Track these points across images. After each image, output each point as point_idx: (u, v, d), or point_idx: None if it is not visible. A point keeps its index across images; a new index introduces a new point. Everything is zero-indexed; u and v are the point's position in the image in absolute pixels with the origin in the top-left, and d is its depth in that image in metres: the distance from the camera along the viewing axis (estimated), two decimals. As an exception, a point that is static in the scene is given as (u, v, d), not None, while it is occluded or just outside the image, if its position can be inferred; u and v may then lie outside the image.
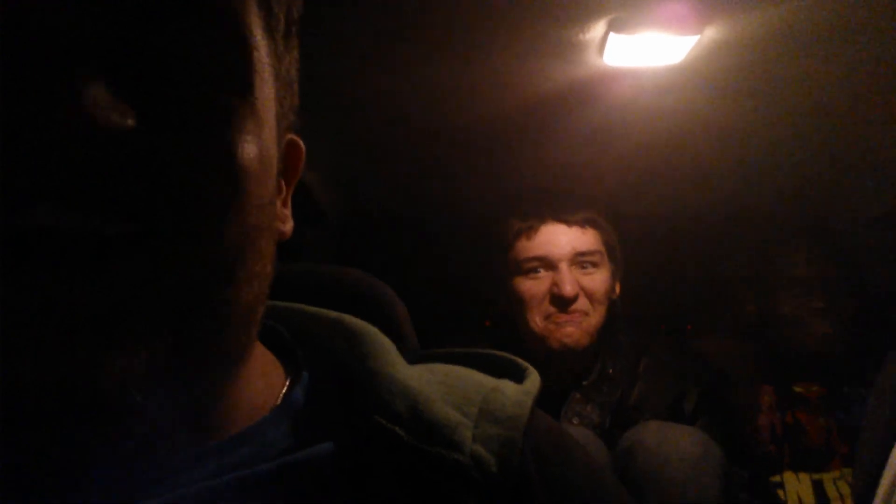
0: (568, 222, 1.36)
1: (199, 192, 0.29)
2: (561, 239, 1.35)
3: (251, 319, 0.35)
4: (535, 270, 1.35)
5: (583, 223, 1.37)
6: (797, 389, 1.45)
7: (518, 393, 0.42)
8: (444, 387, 0.41)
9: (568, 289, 1.30)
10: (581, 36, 1.10)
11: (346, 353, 0.43)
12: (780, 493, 1.35)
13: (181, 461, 0.33)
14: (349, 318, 0.46)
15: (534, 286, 1.35)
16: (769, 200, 1.76)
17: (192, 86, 0.29)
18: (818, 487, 1.35)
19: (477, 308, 1.71)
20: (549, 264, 1.34)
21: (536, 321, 1.34)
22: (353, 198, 1.80)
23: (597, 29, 1.08)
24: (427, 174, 1.78)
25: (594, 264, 1.35)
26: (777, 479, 1.37)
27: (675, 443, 1.07)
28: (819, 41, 1.10)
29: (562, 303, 1.31)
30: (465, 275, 1.66)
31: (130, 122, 0.26)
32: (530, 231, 1.37)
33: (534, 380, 0.44)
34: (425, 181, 1.81)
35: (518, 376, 0.45)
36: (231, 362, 0.35)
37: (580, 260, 1.34)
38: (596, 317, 1.34)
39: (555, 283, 1.32)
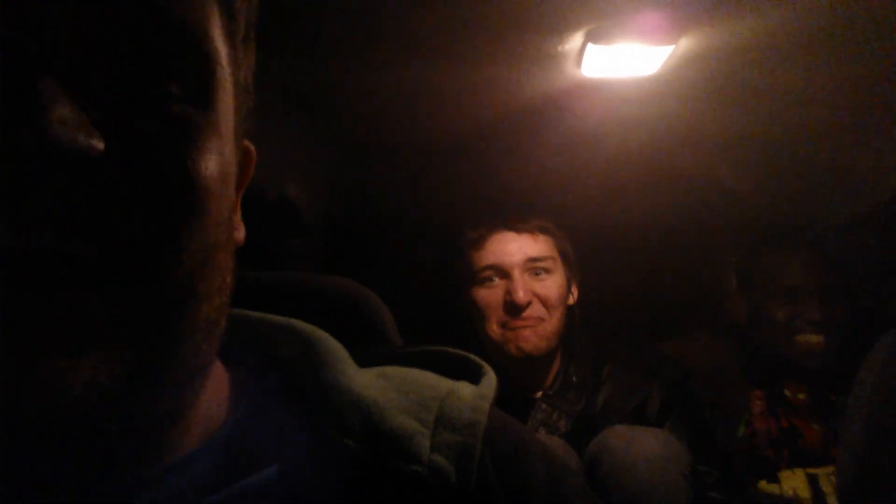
0: (518, 230, 1.37)
1: (160, 214, 0.28)
2: (511, 246, 1.35)
3: (213, 332, 0.34)
4: (489, 279, 1.36)
5: (534, 230, 1.37)
6: (786, 394, 1.46)
7: (475, 397, 0.41)
8: (400, 394, 0.40)
9: (520, 295, 1.30)
10: (560, 47, 1.12)
11: (296, 363, 0.41)
12: (776, 487, 1.36)
13: (129, 484, 0.32)
14: (300, 324, 0.44)
15: (488, 294, 1.35)
16: (744, 207, 1.79)
17: (155, 103, 0.29)
18: (813, 481, 1.36)
19: (445, 320, 1.70)
20: (501, 272, 1.35)
21: (494, 329, 1.34)
22: (335, 207, 1.80)
23: (575, 40, 1.10)
24: (404, 182, 1.78)
25: (547, 270, 1.35)
26: (774, 480, 1.38)
27: (640, 445, 1.08)
28: (791, 51, 1.13)
29: (515, 310, 1.31)
30: (437, 285, 1.65)
31: (97, 143, 0.26)
32: (481, 240, 1.38)
33: (490, 380, 0.43)
34: (403, 189, 1.82)
35: (474, 376, 0.44)
36: (194, 377, 0.34)
37: (532, 266, 1.35)
38: (552, 322, 1.34)
39: (508, 291, 1.33)
